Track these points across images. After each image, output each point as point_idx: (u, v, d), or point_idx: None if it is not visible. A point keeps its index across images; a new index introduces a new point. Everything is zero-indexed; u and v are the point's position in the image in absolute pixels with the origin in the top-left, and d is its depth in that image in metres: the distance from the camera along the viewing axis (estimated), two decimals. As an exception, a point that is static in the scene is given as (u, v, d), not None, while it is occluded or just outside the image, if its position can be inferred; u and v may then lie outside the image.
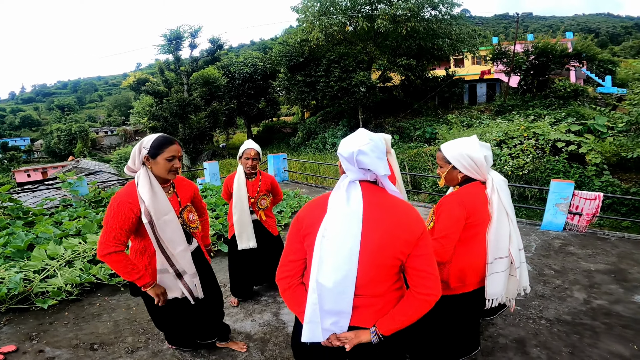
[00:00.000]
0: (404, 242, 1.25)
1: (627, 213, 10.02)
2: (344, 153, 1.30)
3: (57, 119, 57.07)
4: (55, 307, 3.07)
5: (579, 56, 20.70)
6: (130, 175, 1.85)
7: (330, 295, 1.25)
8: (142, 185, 1.76)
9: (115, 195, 1.78)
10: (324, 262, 1.24)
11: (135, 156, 1.80)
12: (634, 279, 3.53)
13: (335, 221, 1.24)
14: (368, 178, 1.32)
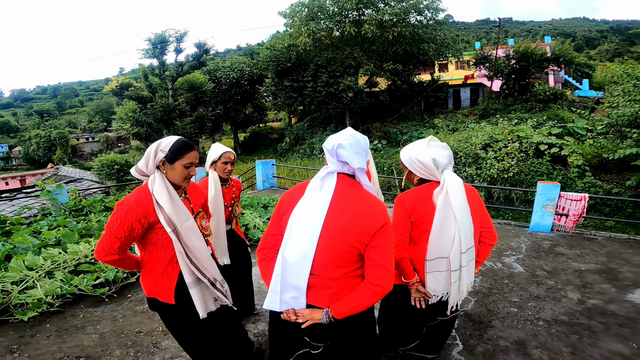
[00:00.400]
0: (361, 232, 1.34)
1: (610, 213, 10.30)
2: (327, 146, 1.43)
3: (36, 124, 55.42)
4: (36, 319, 2.93)
5: (558, 60, 21.40)
6: (139, 179, 1.70)
7: (291, 270, 1.38)
8: (160, 191, 1.60)
9: (122, 201, 1.59)
10: (291, 239, 1.38)
11: (150, 158, 1.63)
12: (624, 278, 3.57)
13: (307, 204, 1.39)
14: (345, 171, 1.43)
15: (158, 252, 1.66)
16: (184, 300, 1.68)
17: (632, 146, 9.11)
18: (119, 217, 1.55)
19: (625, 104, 9.38)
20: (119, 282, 3.49)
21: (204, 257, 1.71)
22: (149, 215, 1.58)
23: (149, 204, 1.58)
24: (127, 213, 1.55)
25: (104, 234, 1.56)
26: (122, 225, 1.54)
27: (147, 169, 1.65)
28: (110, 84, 23.74)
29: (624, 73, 9.72)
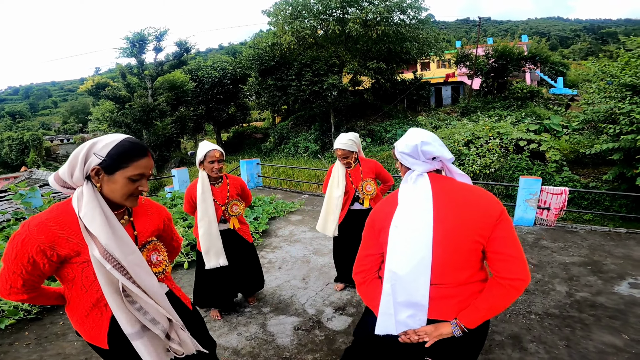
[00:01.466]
0: (480, 224, 1.21)
1: (588, 206, 10.65)
2: (406, 149, 1.33)
3: (8, 127, 52.95)
4: (14, 327, 2.83)
5: (534, 59, 22.04)
6: (62, 192, 1.24)
7: (404, 285, 1.24)
8: (91, 212, 1.14)
9: (23, 224, 1.15)
10: (397, 251, 1.26)
11: (77, 165, 1.16)
12: (609, 270, 3.66)
13: (406, 211, 1.26)
14: (434, 167, 1.34)
15: (78, 293, 1.22)
16: (122, 345, 1.25)
17: (607, 141, 9.44)
18: (14, 246, 1.12)
19: (600, 101, 9.72)
20: (99, 288, 3.33)
21: (158, 299, 1.26)
22: (58, 246, 1.13)
23: (60, 230, 1.14)
24: (25, 242, 1.11)
25: (2, 267, 1.16)
26: (19, 258, 1.12)
27: (71, 179, 1.18)
28: (85, 83, 22.95)
29: (598, 70, 10.06)
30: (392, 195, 1.39)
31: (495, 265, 1.22)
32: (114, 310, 1.19)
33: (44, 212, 1.17)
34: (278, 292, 3.38)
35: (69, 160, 1.17)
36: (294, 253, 4.37)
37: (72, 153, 1.18)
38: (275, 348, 2.50)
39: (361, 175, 2.94)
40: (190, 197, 2.67)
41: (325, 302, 3.14)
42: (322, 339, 2.59)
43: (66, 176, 1.18)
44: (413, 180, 1.32)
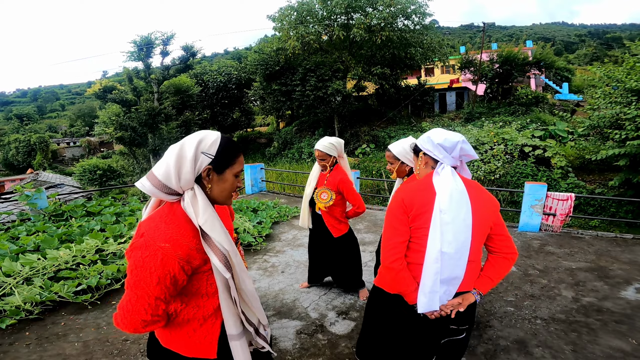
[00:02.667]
0: (492, 212, 1.51)
1: (594, 212, 10.54)
2: (447, 143, 1.51)
3: (16, 129, 53.61)
4: (15, 327, 2.80)
5: (539, 64, 21.95)
6: (161, 197, 1.09)
7: (451, 262, 1.43)
8: (211, 218, 1.07)
9: (142, 244, 1.03)
10: (445, 233, 1.41)
11: (187, 165, 1.06)
12: (616, 275, 3.61)
13: (449, 198, 1.42)
14: (457, 164, 1.55)
15: (197, 303, 1.16)
16: (225, 353, 1.23)
17: (613, 147, 9.37)
18: (152, 270, 1.00)
19: (606, 106, 9.66)
20: (102, 288, 3.33)
21: (254, 297, 1.28)
22: (192, 258, 1.06)
23: (188, 241, 1.06)
24: (165, 262, 1.01)
25: (132, 298, 1.03)
26: (162, 281, 1.01)
27: (177, 183, 1.05)
28: (93, 86, 23.20)
29: (604, 75, 10.02)
30: (424, 184, 1.52)
31: (497, 245, 1.53)
32: (226, 312, 1.17)
33: (158, 224, 1.05)
34: (281, 295, 3.37)
35: (170, 162, 1.05)
36: (297, 257, 4.36)
37: (173, 154, 1.06)
38: (278, 352, 2.49)
39: (325, 182, 2.96)
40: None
41: (328, 307, 3.12)
42: (325, 343, 2.57)
43: (172, 180, 1.04)
44: (444, 172, 1.49)
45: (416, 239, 1.48)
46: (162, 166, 1.05)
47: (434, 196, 1.44)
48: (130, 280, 1.02)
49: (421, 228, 1.45)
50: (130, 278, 1.02)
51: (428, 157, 1.58)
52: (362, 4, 18.28)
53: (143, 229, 1.05)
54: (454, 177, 1.48)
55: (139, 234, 1.04)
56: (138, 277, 1.01)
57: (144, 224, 1.06)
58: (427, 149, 1.57)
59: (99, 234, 4.13)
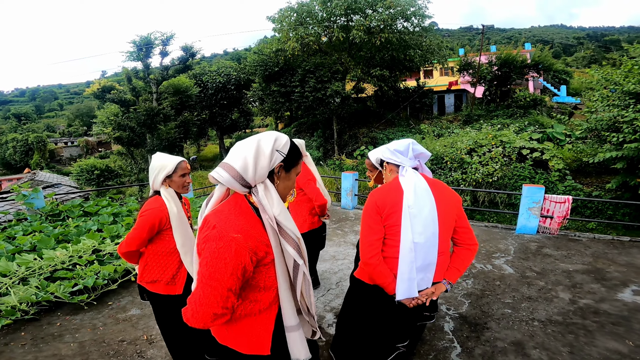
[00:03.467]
0: (456, 206, 1.71)
1: (591, 215, 10.57)
2: (400, 147, 1.75)
3: (13, 128, 53.38)
4: (10, 327, 2.80)
5: (537, 66, 22.01)
6: (234, 188, 1.13)
7: (423, 251, 1.61)
8: (284, 210, 1.14)
9: (218, 233, 1.05)
10: (415, 226, 1.59)
11: (264, 160, 1.12)
12: (612, 277, 3.62)
13: (415, 195, 1.62)
14: (415, 165, 1.76)
15: (256, 297, 1.16)
16: (279, 348, 1.23)
17: (611, 150, 9.39)
18: (226, 261, 1.02)
19: (603, 109, 9.69)
20: (98, 289, 3.31)
21: (310, 283, 1.30)
22: (258, 250, 1.10)
23: (256, 232, 1.10)
24: (238, 253, 1.03)
25: (205, 290, 1.03)
26: (235, 272, 1.04)
27: (253, 176, 1.11)
28: (92, 86, 23.15)
29: (601, 78, 10.05)
30: (392, 185, 1.70)
31: (462, 237, 1.74)
32: (286, 303, 1.20)
33: (228, 216, 1.09)
34: (278, 295, 3.36)
35: (248, 155, 1.11)
36: (295, 257, 4.36)
37: (251, 149, 1.12)
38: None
39: None
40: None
41: (326, 308, 3.11)
42: (322, 345, 2.56)
43: (249, 172, 1.10)
44: (407, 173, 1.70)
45: (390, 235, 1.65)
46: (238, 159, 1.11)
47: (402, 196, 1.63)
48: (205, 272, 1.03)
49: (394, 225, 1.63)
50: (205, 270, 1.03)
51: (391, 165, 1.81)
52: (361, 5, 18.31)
53: (213, 220, 1.07)
54: (417, 176, 1.69)
55: (210, 225, 1.07)
56: (213, 267, 1.02)
57: (213, 216, 1.10)
58: (387, 158, 1.80)
59: (96, 234, 4.12)
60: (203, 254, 1.04)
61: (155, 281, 1.96)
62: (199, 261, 1.06)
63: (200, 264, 1.05)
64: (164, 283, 1.96)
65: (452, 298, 3.24)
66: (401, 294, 1.61)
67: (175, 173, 2.04)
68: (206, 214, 1.14)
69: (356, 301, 1.94)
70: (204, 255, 1.04)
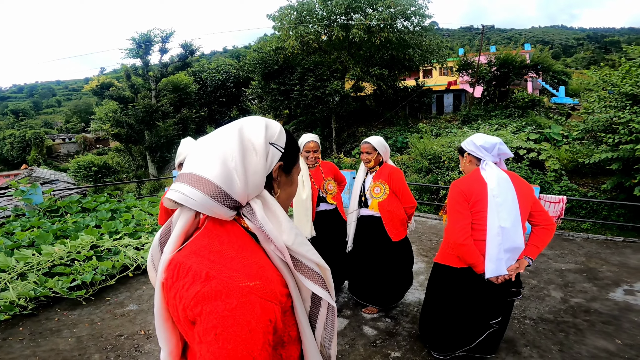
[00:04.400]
0: (531, 194, 1.98)
1: (586, 215, 10.64)
2: (487, 144, 1.98)
3: (11, 124, 53.19)
4: (8, 323, 2.81)
5: (536, 67, 22.06)
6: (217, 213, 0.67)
7: (509, 235, 1.85)
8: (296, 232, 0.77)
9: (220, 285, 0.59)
10: (501, 212, 1.84)
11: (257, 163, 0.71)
12: (604, 277, 3.67)
13: (497, 184, 1.87)
14: (496, 160, 2.02)
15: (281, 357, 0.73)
16: None
17: (607, 151, 9.45)
18: (250, 323, 0.58)
19: (600, 110, 9.74)
20: (96, 284, 3.34)
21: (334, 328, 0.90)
22: (282, 295, 0.68)
23: (273, 271, 0.70)
24: (264, 305, 0.61)
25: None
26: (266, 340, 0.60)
27: (245, 188, 0.68)
28: (90, 83, 23.10)
29: (599, 79, 10.09)
30: (475, 177, 1.97)
31: (538, 219, 1.99)
32: (311, 353, 0.77)
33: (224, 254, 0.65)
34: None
35: (230, 157, 0.68)
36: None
37: (233, 145, 0.69)
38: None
39: (322, 175, 2.99)
40: None
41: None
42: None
43: (236, 184, 0.68)
44: (488, 166, 1.95)
45: (477, 220, 1.91)
46: (213, 164, 0.67)
47: (485, 186, 1.89)
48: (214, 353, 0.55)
49: (480, 211, 1.89)
50: (216, 353, 0.55)
51: (472, 157, 2.05)
52: (362, 4, 18.31)
53: (199, 266, 0.62)
54: (497, 169, 1.95)
55: (199, 276, 0.61)
56: (232, 346, 0.56)
57: (193, 258, 0.64)
58: (470, 150, 2.03)
59: (94, 230, 4.14)
60: (202, 326, 0.57)
61: None
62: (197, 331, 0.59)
63: (205, 346, 0.56)
64: None
65: (446, 296, 3.28)
66: (490, 272, 1.85)
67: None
68: (170, 256, 0.68)
69: (443, 286, 2.14)
70: (204, 326, 0.57)
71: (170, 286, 0.65)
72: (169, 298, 0.66)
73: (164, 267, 0.67)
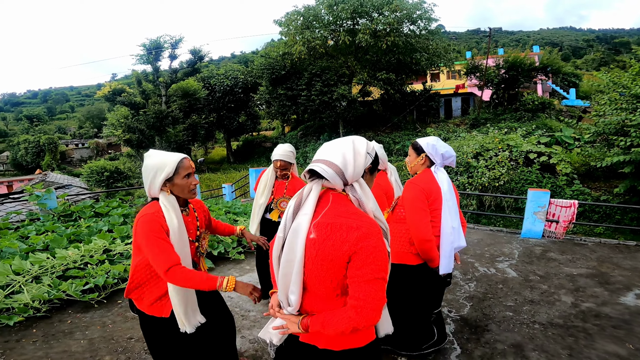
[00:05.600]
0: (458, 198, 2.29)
1: (599, 220, 10.45)
2: (447, 154, 2.13)
3: (25, 129, 54.51)
4: (22, 324, 2.86)
5: (545, 69, 21.82)
6: (335, 184, 1.18)
7: (457, 234, 2.06)
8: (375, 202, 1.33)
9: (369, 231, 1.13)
10: (451, 213, 2.03)
11: (361, 160, 1.22)
12: (616, 281, 3.61)
13: (448, 188, 2.07)
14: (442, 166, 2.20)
15: None
16: None
17: (619, 154, 9.28)
18: (385, 253, 1.12)
19: (612, 112, 9.59)
20: (108, 287, 3.41)
21: None
22: None
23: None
24: (383, 241, 1.13)
25: (379, 284, 1.07)
26: (387, 257, 1.14)
27: (352, 173, 1.20)
28: (102, 89, 23.58)
29: (610, 81, 9.95)
30: (428, 177, 2.09)
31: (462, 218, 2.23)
32: None
33: (356, 214, 1.16)
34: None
35: (346, 154, 1.17)
36: (299, 258, 4.41)
37: (348, 148, 1.18)
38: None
39: (284, 190, 2.95)
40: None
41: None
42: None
43: (348, 169, 1.16)
44: (440, 171, 2.12)
45: (433, 217, 2.02)
46: (337, 156, 1.16)
47: (439, 187, 2.04)
48: (373, 268, 1.05)
49: (436, 209, 2.02)
50: (372, 266, 1.05)
51: (427, 159, 2.15)
52: (368, 9, 18.40)
53: (348, 222, 1.10)
54: (445, 173, 2.13)
55: (352, 227, 1.08)
56: (380, 261, 1.07)
57: (339, 219, 1.12)
58: (430, 153, 2.13)
59: (106, 234, 4.22)
60: (364, 252, 1.05)
61: (141, 298, 1.66)
62: (356, 260, 1.06)
63: (368, 263, 1.05)
64: (149, 303, 1.64)
65: (453, 300, 3.27)
66: (444, 268, 2.01)
67: (178, 174, 1.61)
68: (309, 216, 1.15)
69: (402, 285, 2.16)
70: (365, 252, 1.05)
71: (324, 239, 1.10)
72: (321, 248, 1.10)
73: (313, 228, 1.13)
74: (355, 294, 1.05)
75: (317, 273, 1.10)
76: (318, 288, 1.13)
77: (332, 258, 1.07)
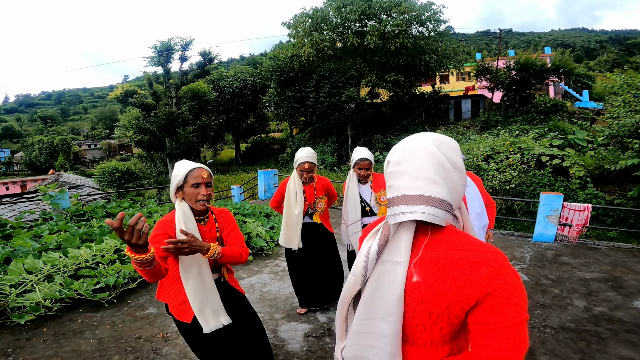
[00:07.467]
0: (481, 184, 2.47)
1: (612, 223, 10.24)
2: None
3: (39, 130, 55.72)
4: (33, 323, 2.90)
5: (557, 71, 21.48)
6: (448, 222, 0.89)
7: (482, 216, 2.37)
8: None
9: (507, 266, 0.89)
10: (473, 201, 2.34)
11: (462, 179, 0.93)
12: (630, 285, 3.53)
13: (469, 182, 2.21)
14: None
15: None
16: None
17: (633, 157, 9.11)
18: (519, 281, 0.83)
19: (625, 115, 9.41)
20: (119, 287, 3.46)
21: None
22: None
23: None
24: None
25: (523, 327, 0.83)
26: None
27: (458, 201, 0.90)
28: (115, 90, 23.97)
29: (624, 83, 9.76)
30: None
31: (487, 201, 2.47)
32: None
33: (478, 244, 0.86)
34: (291, 299, 3.43)
35: (448, 175, 0.86)
36: (307, 260, 4.41)
37: (443, 165, 0.86)
38: (285, 353, 2.54)
39: (315, 192, 2.97)
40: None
41: (336, 309, 3.15)
42: (332, 347, 2.61)
43: (455, 198, 0.87)
44: None
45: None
46: (437, 183, 0.84)
47: None
48: (518, 310, 0.80)
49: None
50: (517, 309, 0.80)
51: None
52: (376, 11, 18.37)
53: (468, 256, 0.83)
54: None
55: (477, 263, 0.82)
56: (522, 301, 0.81)
57: (454, 253, 0.84)
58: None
59: (117, 234, 4.28)
60: (501, 293, 0.80)
61: (167, 301, 1.74)
62: (491, 304, 0.80)
63: (503, 305, 0.80)
64: (174, 306, 1.72)
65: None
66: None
67: (187, 183, 1.65)
68: (405, 265, 0.86)
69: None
70: (503, 294, 0.80)
71: (435, 281, 0.83)
72: (431, 293, 0.83)
73: (415, 267, 0.86)
74: (493, 343, 0.80)
75: (423, 321, 0.87)
76: (420, 338, 0.89)
77: (449, 303, 0.83)
